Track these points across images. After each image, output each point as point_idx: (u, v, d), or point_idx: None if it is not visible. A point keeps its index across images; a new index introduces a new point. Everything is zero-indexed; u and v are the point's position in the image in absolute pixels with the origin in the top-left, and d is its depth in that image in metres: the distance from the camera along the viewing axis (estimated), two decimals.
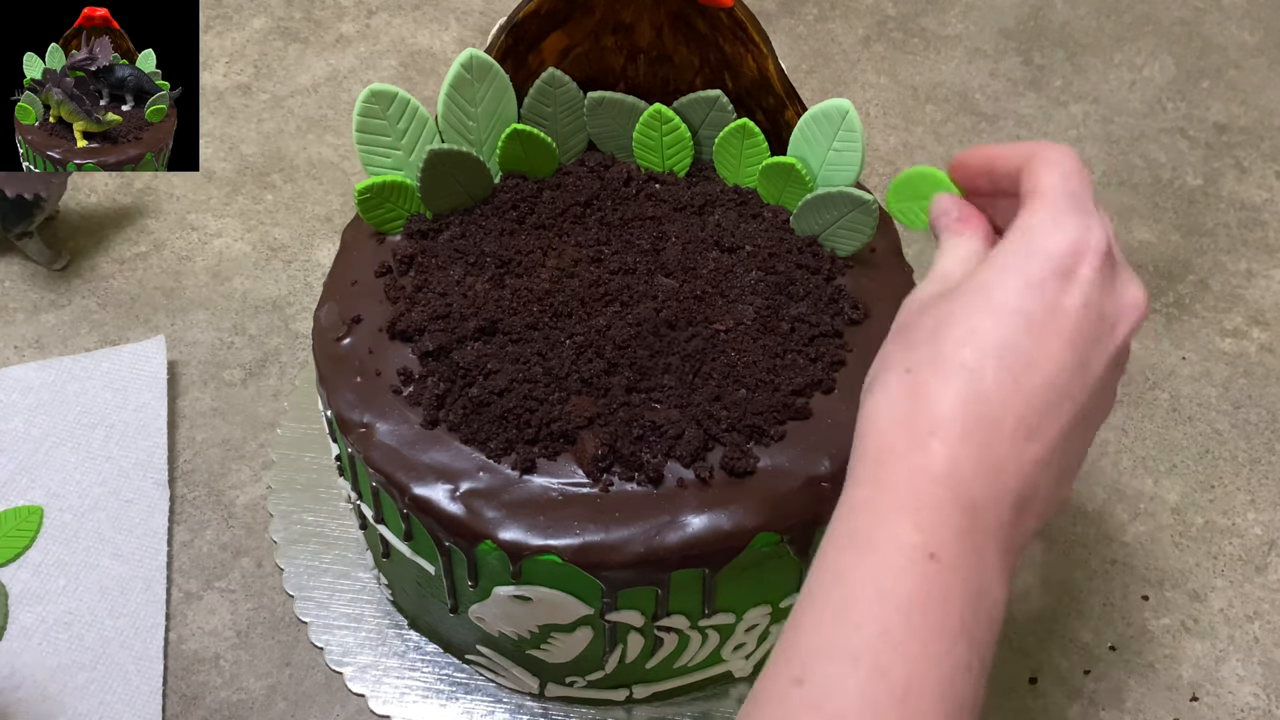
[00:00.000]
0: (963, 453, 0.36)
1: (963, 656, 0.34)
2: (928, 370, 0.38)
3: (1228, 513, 0.65)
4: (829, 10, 0.95)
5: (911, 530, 0.35)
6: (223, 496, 0.64)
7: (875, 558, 0.35)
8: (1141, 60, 0.91)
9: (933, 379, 0.37)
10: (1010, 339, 0.37)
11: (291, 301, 0.73)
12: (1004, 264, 0.38)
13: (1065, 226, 0.38)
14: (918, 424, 0.37)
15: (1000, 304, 0.37)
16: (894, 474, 0.37)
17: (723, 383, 0.49)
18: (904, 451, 0.37)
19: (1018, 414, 0.37)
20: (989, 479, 0.36)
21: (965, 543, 0.35)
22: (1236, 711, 0.57)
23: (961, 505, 0.36)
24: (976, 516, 0.36)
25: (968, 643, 0.34)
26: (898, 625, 0.34)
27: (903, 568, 0.35)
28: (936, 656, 0.34)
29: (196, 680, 0.57)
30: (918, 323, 0.39)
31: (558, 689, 0.55)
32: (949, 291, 0.39)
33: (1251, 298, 0.75)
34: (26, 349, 0.71)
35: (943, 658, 0.34)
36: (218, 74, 0.88)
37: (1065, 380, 0.37)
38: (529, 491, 0.46)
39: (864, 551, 0.36)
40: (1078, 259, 0.38)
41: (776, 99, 0.53)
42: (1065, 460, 0.38)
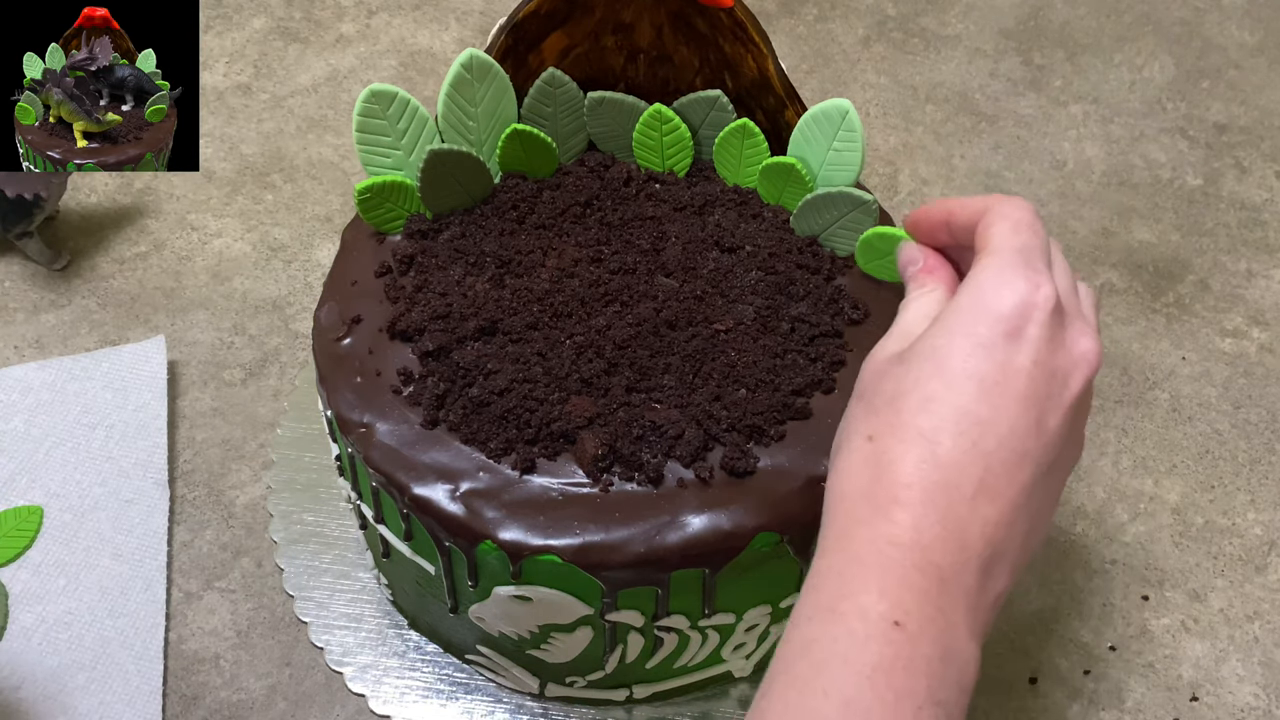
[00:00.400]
0: (925, 519, 0.37)
1: (929, 719, 0.34)
2: (888, 438, 0.38)
3: (1228, 513, 0.65)
4: (829, 10, 0.95)
5: (876, 598, 0.36)
6: (223, 496, 0.64)
7: (840, 627, 0.36)
8: (1141, 60, 0.91)
9: (894, 446, 0.38)
10: (964, 404, 0.37)
11: (291, 301, 0.73)
12: (953, 326, 0.39)
13: (1013, 285, 0.38)
14: (880, 492, 0.37)
15: (951, 369, 0.38)
16: (858, 542, 0.37)
17: (723, 383, 0.49)
18: (868, 519, 0.37)
19: (977, 478, 0.37)
20: (952, 543, 0.37)
21: (930, 608, 0.36)
22: (1236, 711, 0.57)
23: (925, 571, 0.36)
24: (942, 581, 0.36)
25: (936, 706, 0.35)
26: (864, 695, 0.34)
27: (868, 635, 0.35)
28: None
29: (196, 680, 0.57)
30: (877, 387, 0.40)
31: (558, 689, 0.55)
32: (906, 353, 0.40)
33: (1251, 298, 0.75)
34: (26, 349, 0.71)
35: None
36: (218, 74, 0.88)
37: (1021, 440, 0.38)
38: (529, 491, 0.46)
39: (829, 621, 0.36)
40: (1025, 318, 0.38)
41: (776, 99, 0.53)
42: (1032, 517, 0.39)
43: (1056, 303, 0.39)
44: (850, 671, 0.35)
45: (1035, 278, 0.38)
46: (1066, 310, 0.40)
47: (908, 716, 0.34)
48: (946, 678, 0.35)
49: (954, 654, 0.36)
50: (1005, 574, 0.38)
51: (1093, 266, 0.77)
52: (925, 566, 0.36)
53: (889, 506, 0.37)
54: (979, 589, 0.37)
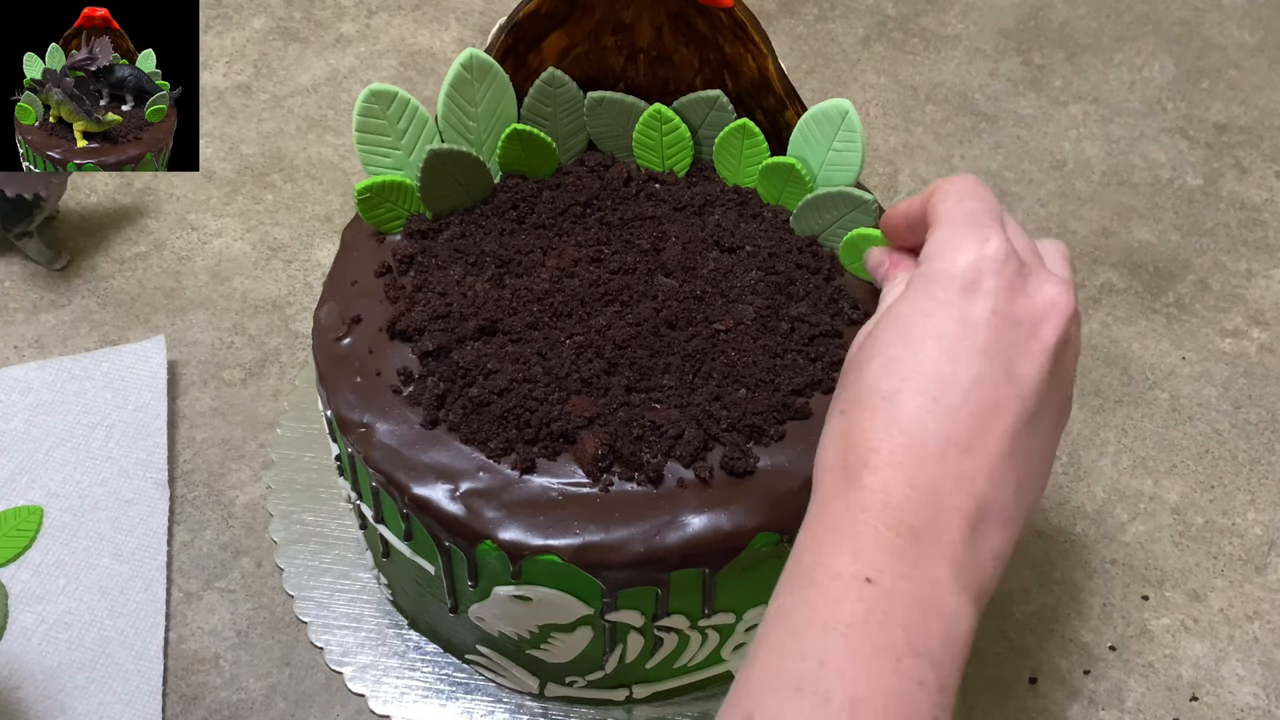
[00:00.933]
0: (893, 480, 0.37)
1: (913, 672, 0.34)
2: (855, 409, 0.39)
3: (1228, 513, 0.65)
4: (829, 10, 0.95)
5: (849, 559, 0.36)
6: (223, 496, 0.64)
7: (814, 591, 0.36)
8: (1141, 60, 0.91)
9: (861, 416, 0.38)
10: (924, 363, 0.38)
11: (291, 301, 0.73)
12: (911, 294, 0.39)
13: (963, 245, 0.39)
14: (851, 461, 0.38)
15: (911, 332, 0.38)
16: (831, 512, 0.38)
17: (723, 382, 0.49)
18: (841, 489, 0.38)
19: (944, 434, 0.37)
20: (925, 501, 0.37)
21: (904, 565, 0.36)
22: (1236, 711, 0.57)
23: (898, 530, 0.36)
24: (917, 539, 0.36)
25: (916, 658, 0.34)
26: (838, 651, 0.34)
27: (840, 595, 0.35)
28: (881, 676, 0.34)
29: (196, 680, 0.57)
30: (849, 365, 0.41)
31: (558, 689, 0.55)
32: (873, 328, 0.41)
33: (1251, 298, 0.75)
34: (26, 349, 0.71)
35: (888, 676, 0.34)
36: (218, 74, 0.88)
37: (989, 390, 0.38)
38: (529, 491, 0.46)
39: (805, 588, 0.36)
40: (979, 272, 0.39)
41: (776, 99, 0.53)
42: (1020, 468, 0.38)
43: (1009, 252, 0.39)
44: (824, 631, 0.35)
45: (984, 233, 0.39)
46: (1025, 263, 0.40)
47: (886, 669, 0.34)
48: (928, 630, 0.35)
49: (935, 607, 0.35)
50: (999, 527, 0.38)
51: (1093, 266, 0.77)
52: (897, 525, 0.36)
53: (859, 473, 0.37)
54: (966, 543, 0.37)
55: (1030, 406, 0.38)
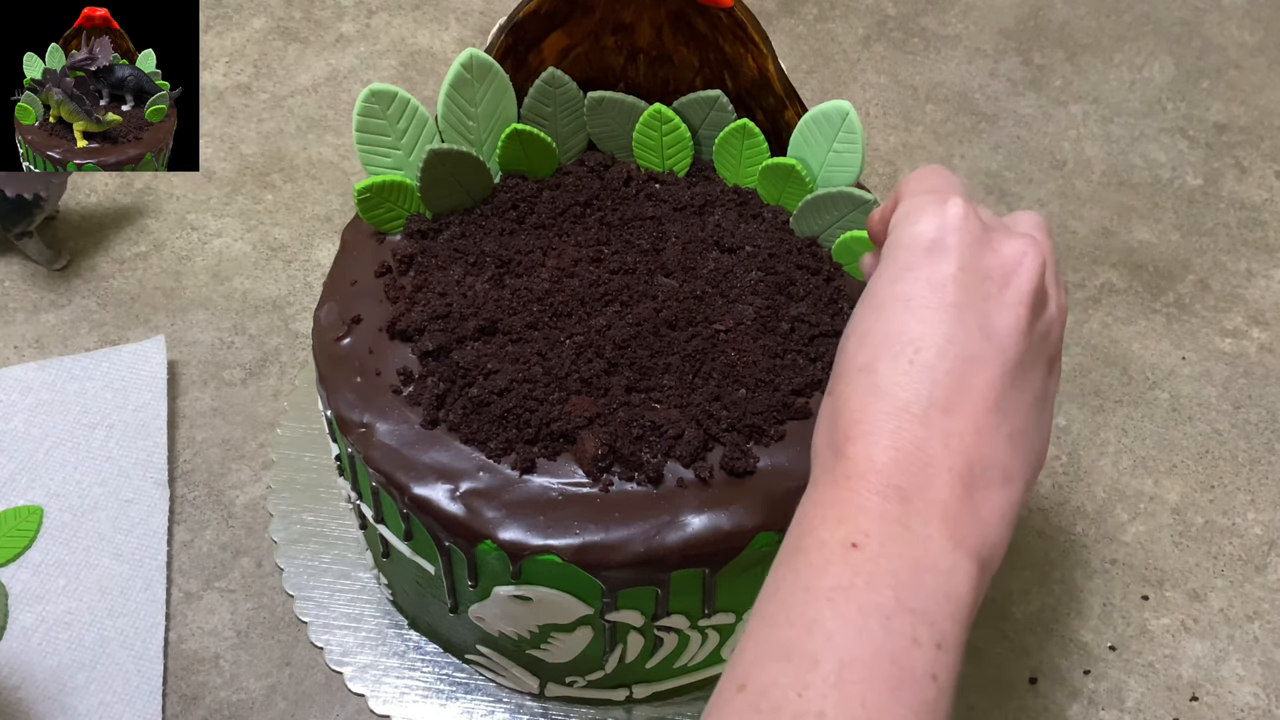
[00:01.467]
0: (875, 446, 0.37)
1: (905, 630, 0.34)
2: (838, 385, 0.39)
3: (1228, 513, 0.65)
4: (829, 10, 0.95)
5: (833, 528, 0.36)
6: (223, 496, 0.64)
7: (801, 560, 0.36)
8: (1141, 60, 0.91)
9: (843, 390, 0.38)
10: (894, 328, 0.38)
11: (291, 301, 0.73)
12: (880, 267, 0.40)
13: (923, 213, 0.39)
14: (836, 436, 0.38)
15: (880, 299, 0.39)
16: (819, 487, 0.38)
17: (722, 382, 0.49)
18: (829, 464, 0.38)
19: (924, 394, 0.37)
20: (912, 462, 0.36)
21: (892, 526, 0.36)
22: (1236, 711, 0.57)
23: (884, 494, 0.36)
24: (906, 500, 0.36)
25: (910, 616, 0.34)
26: (825, 615, 0.34)
27: (826, 561, 0.35)
28: (870, 635, 0.34)
29: (196, 680, 0.57)
30: (837, 352, 0.41)
31: (558, 689, 0.55)
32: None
33: (1251, 298, 0.75)
34: (26, 349, 0.71)
35: (877, 635, 0.34)
36: (218, 74, 0.88)
37: (964, 346, 0.37)
38: (529, 491, 0.46)
39: (794, 559, 0.37)
40: (941, 234, 0.39)
41: (776, 99, 0.53)
42: (1011, 421, 0.38)
43: (970, 212, 0.39)
44: (811, 597, 0.35)
45: (943, 198, 0.39)
46: (989, 225, 0.40)
47: (876, 628, 0.34)
48: (920, 587, 0.35)
49: (928, 564, 0.35)
50: (997, 481, 0.37)
51: (1093, 266, 0.77)
52: (883, 489, 0.36)
53: (843, 445, 0.37)
54: (961, 500, 0.36)
55: (1011, 358, 0.38)
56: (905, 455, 0.36)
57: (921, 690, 0.34)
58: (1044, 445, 0.40)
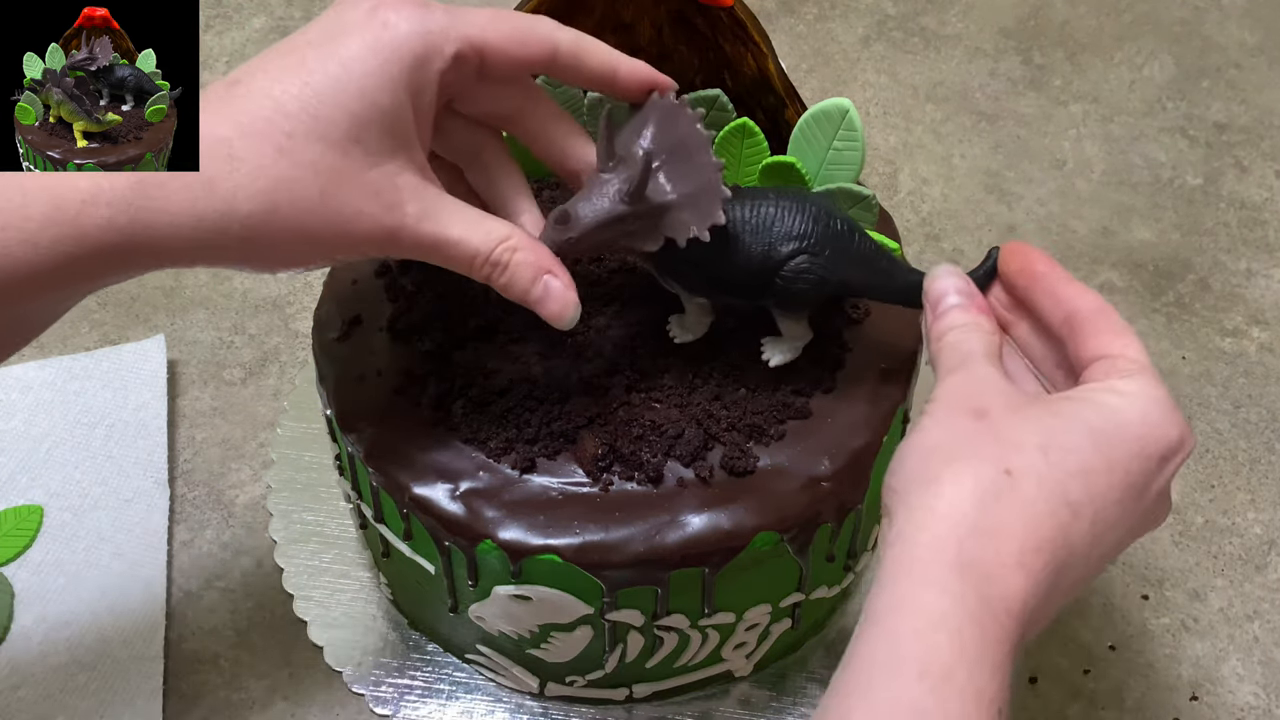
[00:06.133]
0: (1034, 592, 0.35)
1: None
2: (1031, 484, 0.36)
3: (1228, 512, 0.65)
4: (829, 10, 0.95)
5: (988, 678, 0.34)
6: (223, 496, 0.64)
7: (955, 705, 0.33)
8: (1141, 60, 0.91)
9: (1036, 499, 0.36)
10: (1109, 498, 0.37)
11: (291, 301, 0.73)
12: (1124, 421, 0.38)
13: (1176, 421, 0.39)
14: (1008, 542, 0.35)
15: (1114, 461, 0.37)
16: (976, 602, 0.35)
17: (722, 382, 0.49)
18: (990, 569, 0.35)
19: (1081, 574, 0.37)
20: (1038, 619, 0.36)
21: (1008, 686, 0.35)
22: (1236, 711, 0.57)
23: (1016, 647, 0.35)
24: (1015, 651, 0.35)
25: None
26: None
27: (972, 715, 0.33)
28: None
29: (196, 680, 0.57)
30: (1015, 422, 0.38)
31: (558, 688, 0.55)
32: (1054, 404, 0.39)
33: (1251, 297, 0.75)
34: (26, 348, 0.70)
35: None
36: (218, 74, 0.88)
37: (1110, 553, 0.38)
38: (529, 491, 0.46)
39: (944, 695, 0.34)
40: (1174, 454, 0.39)
41: (776, 98, 0.53)
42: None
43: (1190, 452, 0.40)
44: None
45: (1185, 424, 0.39)
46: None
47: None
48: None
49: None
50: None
51: (1093, 266, 0.77)
52: (1017, 640, 0.35)
53: (1014, 567, 0.35)
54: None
55: (1136, 522, 0.40)
56: (1039, 611, 0.36)
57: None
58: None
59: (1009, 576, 0.35)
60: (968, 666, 0.34)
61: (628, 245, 0.45)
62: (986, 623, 0.34)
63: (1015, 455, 0.37)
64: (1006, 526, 0.36)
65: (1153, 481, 0.38)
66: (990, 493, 0.36)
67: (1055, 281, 0.42)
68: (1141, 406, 0.39)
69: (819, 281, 0.46)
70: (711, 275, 0.46)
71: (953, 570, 0.35)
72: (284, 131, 0.38)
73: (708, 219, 0.43)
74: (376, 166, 0.39)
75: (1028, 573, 0.35)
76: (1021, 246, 0.44)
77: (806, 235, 0.46)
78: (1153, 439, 0.38)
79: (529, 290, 0.43)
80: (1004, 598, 0.35)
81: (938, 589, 0.35)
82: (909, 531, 0.36)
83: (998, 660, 0.34)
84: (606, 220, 0.43)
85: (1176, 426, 0.39)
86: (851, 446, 0.48)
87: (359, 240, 0.40)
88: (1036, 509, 0.36)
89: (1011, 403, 0.39)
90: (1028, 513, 0.36)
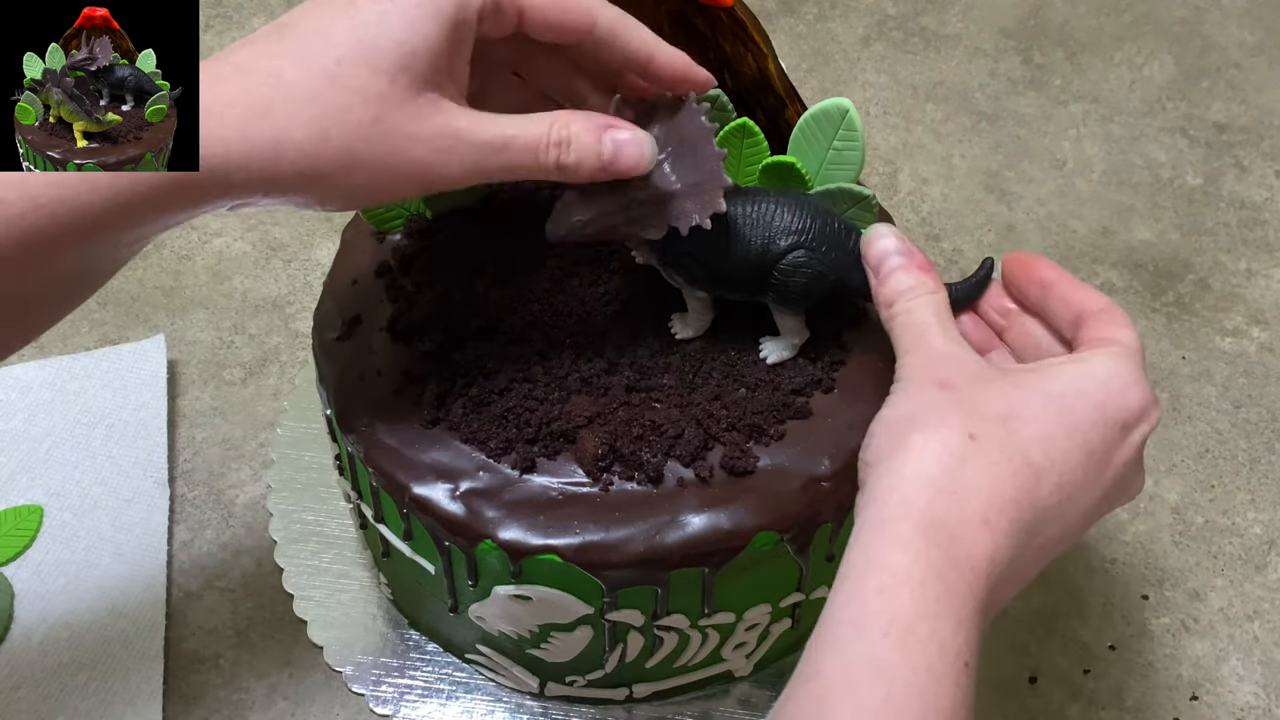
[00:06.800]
0: (1000, 549, 0.37)
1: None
2: (994, 448, 0.38)
3: (1228, 512, 0.65)
4: (829, 9, 0.95)
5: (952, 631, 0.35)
6: (223, 496, 0.64)
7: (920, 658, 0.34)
8: (1141, 59, 0.91)
9: (999, 460, 0.38)
10: (1071, 460, 0.39)
11: (291, 301, 0.73)
12: (1083, 389, 0.40)
13: (1140, 393, 0.40)
14: (972, 501, 0.37)
15: (1074, 426, 0.39)
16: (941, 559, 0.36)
17: (722, 382, 0.49)
18: (955, 528, 0.36)
19: (1050, 534, 0.38)
20: (1010, 579, 0.37)
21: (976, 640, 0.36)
22: (1236, 711, 0.58)
23: (985, 605, 0.36)
24: (988, 613, 0.37)
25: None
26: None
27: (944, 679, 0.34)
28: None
29: (196, 680, 0.57)
30: (978, 392, 0.40)
31: (558, 688, 0.55)
32: (1018, 376, 0.41)
33: (1251, 297, 0.75)
34: (26, 348, 0.70)
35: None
36: None
37: (1082, 520, 0.40)
38: (529, 491, 0.46)
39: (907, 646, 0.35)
40: (1140, 422, 0.40)
41: (776, 98, 0.53)
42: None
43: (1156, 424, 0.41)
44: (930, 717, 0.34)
45: (1151, 396, 0.41)
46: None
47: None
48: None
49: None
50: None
51: (1093, 266, 0.77)
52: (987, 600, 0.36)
53: (979, 526, 0.36)
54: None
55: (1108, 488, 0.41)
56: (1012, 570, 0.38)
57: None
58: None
59: (974, 534, 0.36)
60: (931, 621, 0.35)
61: (633, 232, 0.46)
62: (951, 579, 0.35)
63: (979, 422, 0.38)
64: (971, 487, 0.37)
65: (1115, 449, 0.39)
66: (955, 456, 0.37)
67: (1066, 288, 0.44)
68: (1102, 375, 0.40)
69: (816, 276, 0.47)
70: (712, 267, 0.47)
71: (918, 529, 0.36)
72: (334, 58, 0.39)
73: (710, 207, 0.44)
74: (423, 94, 0.40)
75: (992, 530, 0.37)
76: (1025, 255, 0.46)
77: (804, 230, 0.47)
78: (1113, 406, 0.39)
79: (600, 152, 0.43)
80: (969, 556, 0.36)
81: (902, 547, 0.36)
82: (880, 494, 0.38)
83: (964, 615, 0.35)
84: (613, 207, 0.44)
85: (1139, 397, 0.40)
86: (851, 446, 0.48)
87: (415, 164, 0.40)
88: (999, 470, 0.37)
89: (975, 374, 0.41)
90: (991, 474, 0.37)
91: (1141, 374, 0.41)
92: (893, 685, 0.34)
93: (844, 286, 0.48)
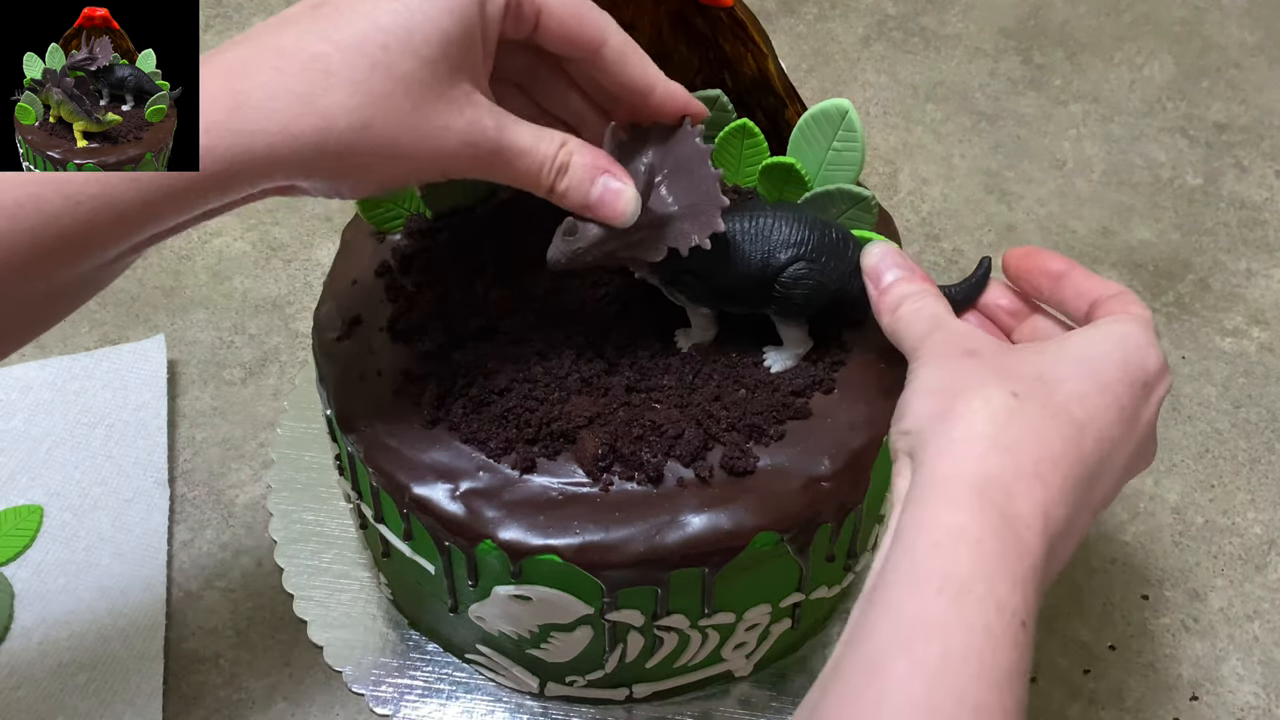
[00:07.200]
0: (1055, 505, 0.37)
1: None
2: (1037, 405, 0.38)
3: (1228, 512, 0.65)
4: (829, 10, 0.95)
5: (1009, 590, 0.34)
6: (222, 496, 0.64)
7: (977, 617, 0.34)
8: (1141, 60, 0.91)
9: (1044, 416, 0.38)
10: (1108, 417, 0.39)
11: (291, 301, 0.73)
12: (1106, 351, 0.41)
13: (1157, 352, 0.41)
14: (1023, 455, 0.37)
15: (1104, 384, 0.39)
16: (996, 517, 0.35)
17: (722, 382, 0.49)
18: (1009, 484, 0.36)
19: (1097, 491, 0.39)
20: (1065, 536, 0.37)
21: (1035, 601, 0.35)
22: (1236, 711, 0.58)
23: (1043, 563, 0.36)
24: (1048, 572, 0.37)
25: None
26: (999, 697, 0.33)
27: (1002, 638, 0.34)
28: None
29: (196, 680, 0.57)
30: (1008, 357, 0.41)
31: (558, 688, 0.55)
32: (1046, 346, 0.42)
33: (1251, 297, 0.75)
34: (26, 348, 0.71)
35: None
36: None
37: (1115, 481, 0.40)
38: (529, 491, 0.46)
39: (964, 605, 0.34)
40: (1159, 382, 0.41)
41: (776, 98, 0.53)
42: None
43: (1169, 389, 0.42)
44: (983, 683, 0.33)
45: (1162, 357, 0.42)
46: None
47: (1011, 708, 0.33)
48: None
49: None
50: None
51: (1093, 266, 0.77)
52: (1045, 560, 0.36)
53: (1031, 479, 0.36)
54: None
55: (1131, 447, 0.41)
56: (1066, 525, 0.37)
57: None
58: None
59: (1028, 489, 0.36)
60: (987, 579, 0.34)
61: (633, 255, 0.46)
62: (1007, 536, 0.35)
63: (1017, 382, 0.39)
64: (1020, 442, 0.37)
65: (1141, 407, 0.40)
66: (1001, 412, 0.38)
67: (1079, 278, 0.45)
68: (1117, 337, 0.41)
69: (817, 287, 0.47)
70: (714, 284, 0.48)
71: (973, 488, 0.36)
72: (380, 45, 0.38)
73: (708, 228, 0.45)
74: (457, 84, 0.40)
75: (1045, 485, 0.36)
76: (1029, 249, 0.47)
77: (803, 243, 0.47)
78: (1134, 365, 0.40)
79: (589, 192, 0.43)
80: (1024, 513, 0.36)
81: (956, 505, 0.36)
82: (928, 458, 0.37)
83: (1020, 574, 0.35)
84: (612, 232, 0.45)
85: (1156, 358, 0.41)
86: (851, 446, 0.48)
87: (443, 154, 0.40)
88: (1046, 426, 0.38)
89: (999, 346, 0.42)
90: (1039, 429, 0.37)
91: (1152, 338, 0.42)
92: (949, 643, 0.33)
93: (844, 295, 0.48)
